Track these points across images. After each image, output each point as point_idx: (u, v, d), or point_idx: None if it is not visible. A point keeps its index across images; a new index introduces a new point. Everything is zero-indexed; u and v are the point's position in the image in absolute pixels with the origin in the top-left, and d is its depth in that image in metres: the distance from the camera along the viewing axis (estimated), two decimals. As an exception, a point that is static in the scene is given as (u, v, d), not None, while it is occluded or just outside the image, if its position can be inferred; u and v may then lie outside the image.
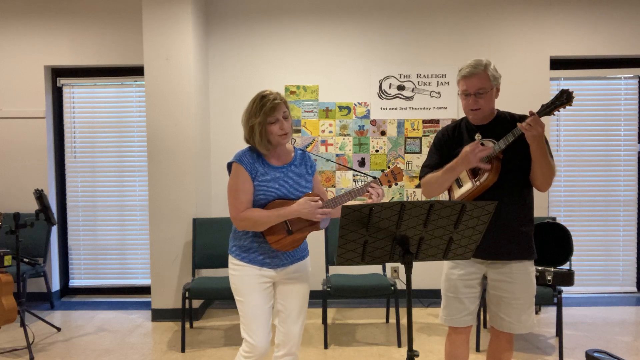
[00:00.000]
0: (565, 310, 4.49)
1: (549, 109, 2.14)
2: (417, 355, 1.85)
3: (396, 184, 2.39)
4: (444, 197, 2.55)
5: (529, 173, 2.32)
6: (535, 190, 2.40)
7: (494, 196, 2.26)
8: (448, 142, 2.44)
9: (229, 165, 2.34)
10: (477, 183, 2.30)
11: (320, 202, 2.26)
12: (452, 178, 2.35)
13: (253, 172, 2.28)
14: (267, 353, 2.34)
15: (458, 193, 2.40)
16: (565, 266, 3.75)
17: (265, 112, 2.23)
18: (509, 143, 2.22)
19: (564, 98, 2.10)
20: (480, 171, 2.30)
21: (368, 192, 2.31)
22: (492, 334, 2.47)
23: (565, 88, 2.10)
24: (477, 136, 2.36)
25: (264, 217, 2.23)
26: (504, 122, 2.34)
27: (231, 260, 2.37)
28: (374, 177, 2.39)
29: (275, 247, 2.28)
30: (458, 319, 2.40)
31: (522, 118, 2.33)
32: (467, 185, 2.35)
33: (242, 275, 2.31)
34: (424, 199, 4.75)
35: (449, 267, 2.44)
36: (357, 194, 2.32)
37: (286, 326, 2.37)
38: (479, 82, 2.28)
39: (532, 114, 2.14)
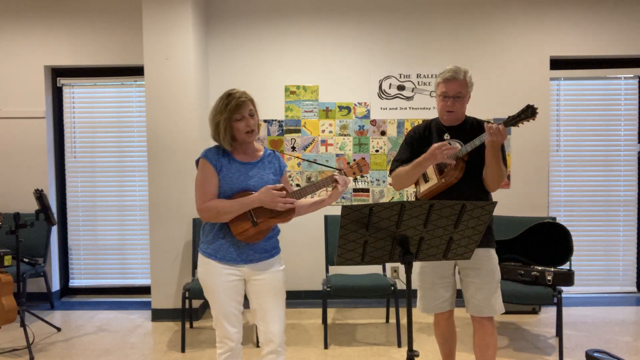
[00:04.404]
0: (565, 310, 4.49)
1: (514, 120, 2.35)
2: (417, 355, 1.85)
3: (362, 177, 2.47)
4: (411, 189, 2.67)
5: None
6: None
7: (457, 192, 2.50)
8: (418, 140, 2.65)
9: (197, 162, 2.43)
10: (442, 180, 2.51)
11: (283, 192, 2.30)
12: (419, 172, 2.54)
13: (218, 166, 2.36)
14: (239, 346, 2.36)
15: (424, 187, 2.63)
16: (565, 266, 3.75)
17: (230, 109, 2.33)
18: (475, 147, 2.41)
19: (529, 112, 2.31)
20: (446, 169, 2.51)
21: (334, 182, 2.36)
22: (474, 323, 2.62)
23: (530, 104, 2.32)
24: (446, 136, 2.57)
25: (227, 205, 2.26)
26: (471, 126, 2.59)
27: (199, 257, 2.39)
28: (339, 170, 2.45)
29: (240, 239, 2.30)
30: (435, 307, 2.64)
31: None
32: (433, 181, 2.57)
33: (209, 273, 2.33)
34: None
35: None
36: (323, 185, 2.37)
37: (265, 325, 2.36)
38: (459, 86, 2.50)
39: (489, 125, 2.34)
